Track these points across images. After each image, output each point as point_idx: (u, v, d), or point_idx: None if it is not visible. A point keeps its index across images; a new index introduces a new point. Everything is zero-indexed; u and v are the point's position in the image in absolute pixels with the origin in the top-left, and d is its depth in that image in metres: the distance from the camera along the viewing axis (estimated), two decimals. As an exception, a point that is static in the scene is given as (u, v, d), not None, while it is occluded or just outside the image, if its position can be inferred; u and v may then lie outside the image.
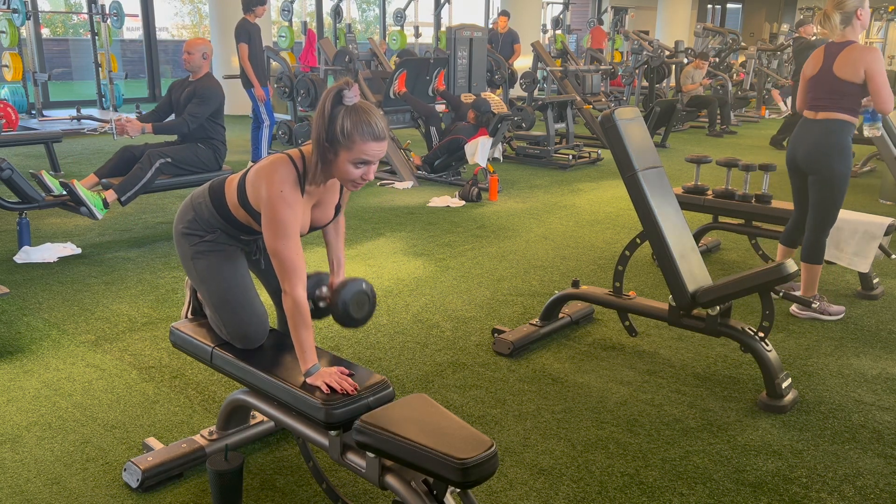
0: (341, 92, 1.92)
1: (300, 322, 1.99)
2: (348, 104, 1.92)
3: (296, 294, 1.98)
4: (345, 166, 1.96)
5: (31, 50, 11.45)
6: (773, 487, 2.32)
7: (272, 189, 1.96)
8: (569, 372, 3.09)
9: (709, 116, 10.81)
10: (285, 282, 1.99)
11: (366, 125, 1.92)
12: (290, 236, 1.98)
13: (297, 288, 1.99)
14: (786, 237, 3.89)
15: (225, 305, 2.19)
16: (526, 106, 9.11)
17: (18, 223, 4.52)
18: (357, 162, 1.95)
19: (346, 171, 1.97)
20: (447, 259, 4.60)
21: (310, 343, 2.00)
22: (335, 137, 1.92)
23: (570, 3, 16.10)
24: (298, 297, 1.98)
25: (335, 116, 1.92)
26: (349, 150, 1.93)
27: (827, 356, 3.30)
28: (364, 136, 1.92)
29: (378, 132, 1.94)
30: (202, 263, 2.20)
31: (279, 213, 1.96)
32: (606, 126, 3.05)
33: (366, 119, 1.92)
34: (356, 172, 1.97)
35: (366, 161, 1.96)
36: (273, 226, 1.97)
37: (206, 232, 2.21)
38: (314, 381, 1.95)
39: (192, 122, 4.72)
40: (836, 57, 3.45)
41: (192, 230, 2.22)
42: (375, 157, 1.96)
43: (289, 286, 1.98)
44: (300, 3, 15.40)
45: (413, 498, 1.75)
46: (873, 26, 17.51)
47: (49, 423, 2.60)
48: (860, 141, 6.60)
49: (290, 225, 1.97)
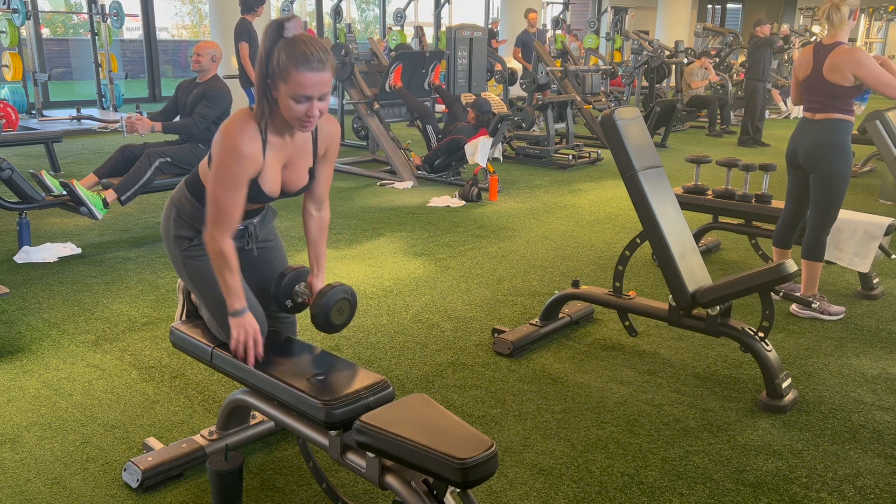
0: (283, 24, 1.83)
1: (224, 266, 1.98)
2: (288, 36, 1.83)
3: (222, 242, 1.96)
4: (286, 102, 1.86)
5: (31, 50, 11.45)
6: (773, 487, 2.32)
7: (226, 136, 1.90)
8: (569, 372, 3.09)
9: (709, 116, 10.81)
10: (215, 228, 1.95)
11: (301, 55, 1.81)
12: (233, 187, 1.91)
13: (225, 236, 1.96)
14: (779, 238, 3.89)
15: (221, 311, 2.15)
16: (526, 106, 9.11)
17: (18, 223, 4.52)
18: (297, 97, 1.85)
19: (288, 108, 1.87)
20: (447, 259, 4.60)
21: (235, 287, 2.00)
22: (273, 71, 1.84)
23: (570, 3, 16.10)
24: (224, 245, 1.96)
25: (273, 50, 1.84)
26: (286, 82, 1.83)
27: (827, 356, 3.30)
28: (299, 67, 1.81)
29: (315, 63, 1.82)
30: (193, 268, 2.16)
31: (226, 161, 1.90)
32: (606, 126, 3.05)
33: (302, 49, 1.82)
34: (299, 109, 1.87)
35: (306, 96, 1.85)
36: (218, 172, 1.91)
37: (194, 231, 2.15)
38: (235, 325, 2.03)
39: (202, 123, 4.73)
40: (824, 60, 3.46)
41: (178, 231, 2.17)
42: (314, 90, 1.85)
43: (218, 233, 1.95)
44: (300, 3, 15.41)
45: (413, 498, 1.75)
46: (873, 26, 17.51)
47: (49, 423, 2.60)
48: (860, 141, 6.61)
49: (236, 175, 1.90)
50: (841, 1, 3.41)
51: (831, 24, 3.45)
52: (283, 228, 5.16)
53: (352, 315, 2.22)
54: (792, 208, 3.82)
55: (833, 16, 3.43)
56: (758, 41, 9.22)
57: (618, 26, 14.60)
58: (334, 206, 5.90)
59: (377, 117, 7.39)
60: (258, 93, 1.91)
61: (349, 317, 2.21)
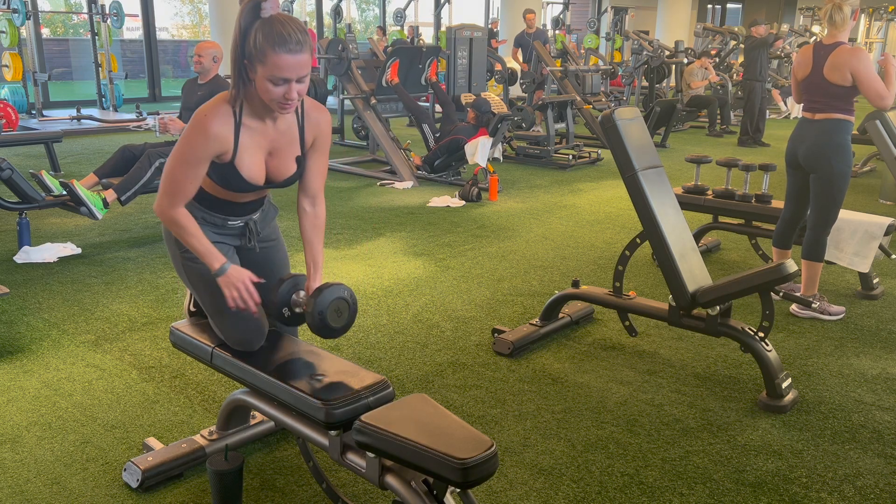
0: (259, 3, 1.79)
1: (184, 233, 1.96)
2: (264, 16, 1.79)
3: (172, 211, 1.93)
4: (263, 84, 1.82)
5: (31, 50, 11.45)
6: (773, 487, 2.32)
7: (197, 114, 1.88)
8: (569, 372, 3.09)
9: (709, 116, 10.82)
10: (164, 197, 1.92)
11: (278, 36, 1.77)
12: (190, 163, 1.89)
13: (174, 207, 1.93)
14: (779, 239, 3.89)
15: (220, 314, 2.15)
16: (526, 106, 9.11)
17: (18, 223, 4.52)
18: (274, 79, 1.80)
19: (266, 90, 1.83)
20: (447, 259, 4.60)
21: (205, 247, 1.98)
22: (250, 52, 1.80)
23: (570, 3, 16.10)
24: (175, 213, 1.94)
25: (249, 29, 1.79)
26: (263, 64, 1.79)
27: (827, 356, 3.30)
28: (276, 49, 1.77)
29: (293, 44, 1.78)
30: (193, 270, 2.13)
31: (191, 136, 1.87)
32: (606, 126, 3.05)
33: (279, 30, 1.77)
34: (277, 91, 1.83)
35: (284, 78, 1.80)
36: (181, 145, 1.89)
37: None
38: (224, 284, 1.99)
39: None
40: (825, 60, 3.46)
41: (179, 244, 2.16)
42: (292, 72, 1.80)
43: (167, 202, 1.93)
44: (300, 3, 15.40)
45: (413, 498, 1.75)
46: (873, 26, 17.50)
47: (49, 423, 2.60)
48: (860, 141, 6.61)
49: (196, 151, 1.87)
50: (843, 1, 3.41)
51: (833, 24, 3.44)
52: (284, 228, 5.16)
53: (352, 318, 2.07)
54: (791, 209, 3.82)
55: (835, 16, 3.42)
56: (753, 42, 9.26)
57: (618, 26, 14.60)
58: (334, 206, 5.90)
59: (374, 112, 7.39)
60: (234, 74, 1.86)
61: (349, 320, 2.06)
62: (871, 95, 3.39)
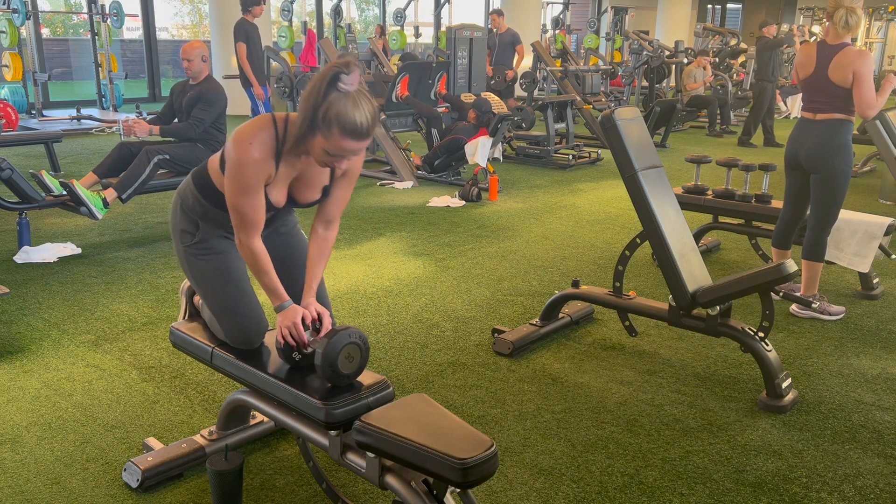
0: (339, 75, 1.78)
1: (259, 269, 2.03)
2: (342, 90, 1.79)
3: (252, 244, 2.01)
4: (318, 149, 1.86)
5: (31, 50, 11.46)
6: (773, 487, 2.32)
7: (242, 141, 1.89)
8: (569, 372, 3.09)
9: (709, 116, 10.82)
10: (240, 232, 1.99)
11: (351, 124, 1.79)
12: (248, 192, 1.93)
13: (253, 239, 2.00)
14: (779, 239, 3.89)
15: (222, 310, 2.17)
16: (526, 106, 9.11)
17: (18, 223, 4.52)
18: (332, 152, 1.85)
19: (318, 153, 1.88)
20: (447, 259, 4.60)
21: (271, 285, 2.05)
22: (317, 118, 1.81)
23: (570, 3, 16.10)
24: (255, 247, 2.01)
25: (324, 99, 1.79)
26: (327, 138, 1.82)
27: (827, 356, 3.29)
28: (344, 131, 1.80)
29: (360, 130, 1.81)
30: (197, 266, 2.17)
31: (242, 168, 1.90)
32: (606, 126, 3.05)
33: (353, 119, 1.79)
34: (326, 159, 1.88)
35: (339, 155, 1.86)
36: (234, 180, 1.92)
37: (195, 225, 2.15)
38: (279, 319, 2.04)
39: (199, 126, 4.72)
40: (830, 60, 3.45)
41: (182, 225, 2.17)
42: (350, 154, 1.87)
43: (244, 236, 2.00)
44: (300, 3, 15.40)
45: (413, 498, 1.75)
46: (873, 26, 17.50)
47: (49, 423, 2.60)
48: (860, 141, 6.62)
49: (249, 180, 1.91)
50: (855, 4, 3.40)
51: (847, 27, 3.42)
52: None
53: (364, 362, 1.96)
54: (791, 209, 3.82)
55: (850, 19, 3.40)
56: (765, 42, 9.22)
57: (618, 26, 14.61)
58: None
59: (383, 128, 7.38)
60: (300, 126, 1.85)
61: (361, 364, 1.95)
62: (863, 100, 3.38)
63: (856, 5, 3.39)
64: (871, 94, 3.38)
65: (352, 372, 1.94)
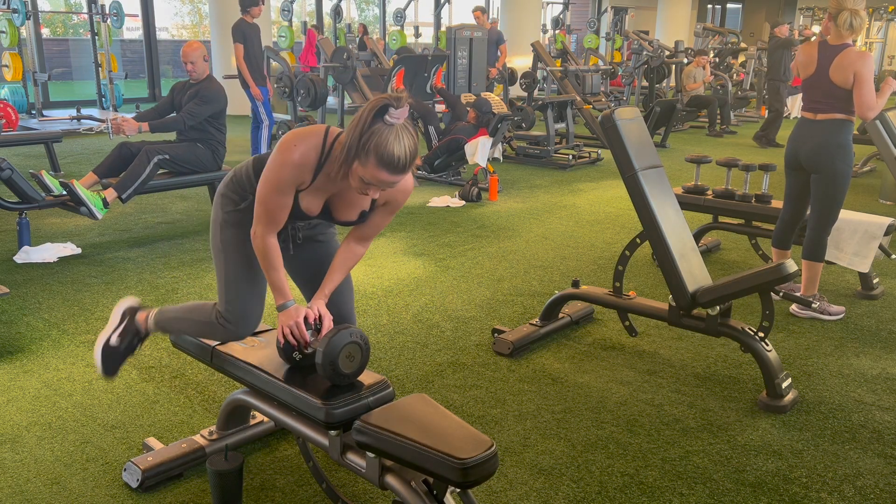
0: (387, 107, 1.80)
1: (268, 263, 2.04)
2: (387, 122, 1.81)
3: (266, 238, 2.02)
4: (355, 174, 1.87)
5: (31, 50, 11.45)
6: (773, 487, 2.32)
7: (289, 142, 1.92)
8: (569, 372, 3.09)
9: (709, 116, 10.81)
10: (259, 224, 2.00)
11: (389, 157, 1.80)
12: (279, 190, 1.95)
13: (268, 234, 2.02)
14: (778, 240, 3.89)
15: (235, 280, 2.14)
16: (526, 106, 9.11)
17: (18, 223, 4.52)
18: (365, 179, 1.86)
19: (354, 179, 1.88)
20: (447, 259, 4.60)
21: (278, 283, 2.05)
22: (359, 145, 1.82)
23: (570, 3, 16.10)
24: (269, 241, 2.02)
25: (370, 127, 1.81)
26: (363, 165, 1.83)
27: (827, 356, 3.29)
28: (381, 161, 1.81)
29: (397, 163, 1.82)
30: (228, 233, 2.14)
31: (282, 167, 1.92)
32: (606, 126, 3.05)
33: (392, 150, 1.80)
34: (361, 186, 1.89)
35: (372, 184, 1.87)
36: (270, 173, 1.94)
37: (242, 197, 2.12)
38: (280, 318, 2.05)
39: (189, 119, 4.71)
40: (831, 60, 3.45)
41: (228, 192, 2.15)
42: (384, 185, 1.87)
43: (261, 229, 2.01)
44: (300, 3, 15.40)
45: (413, 498, 1.75)
46: (873, 26, 17.50)
47: (49, 423, 2.60)
48: (860, 141, 6.61)
49: (285, 180, 1.94)
50: (858, 6, 3.39)
51: (851, 29, 3.41)
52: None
53: (364, 362, 1.97)
54: (791, 209, 3.82)
55: (854, 21, 3.40)
56: (777, 42, 9.19)
57: (618, 26, 14.61)
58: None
59: None
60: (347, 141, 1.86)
61: (362, 364, 1.97)
62: (863, 101, 3.38)
63: (859, 7, 3.39)
64: (872, 96, 3.38)
65: (352, 371, 1.94)
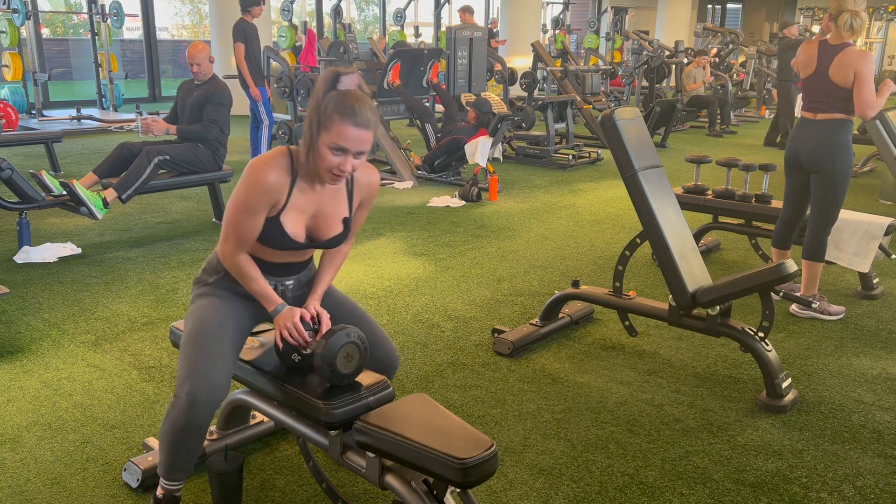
0: (338, 76, 1.86)
1: (245, 277, 2.00)
2: (340, 89, 1.86)
3: (235, 256, 1.98)
4: (323, 150, 1.87)
5: (31, 50, 11.45)
6: (773, 487, 2.32)
7: (254, 164, 1.92)
8: (569, 372, 3.09)
9: (709, 116, 10.81)
10: (226, 244, 1.97)
11: (349, 109, 1.83)
12: (248, 212, 1.92)
13: (239, 254, 1.98)
14: (778, 240, 3.89)
15: (189, 342, 1.97)
16: (526, 106, 9.11)
17: (18, 223, 4.52)
18: (334, 147, 1.85)
19: (323, 157, 1.87)
20: (447, 259, 4.60)
21: (262, 292, 2.01)
22: (319, 115, 1.85)
23: (570, 3, 16.10)
24: (238, 258, 1.98)
25: (325, 97, 1.85)
26: (328, 129, 1.84)
27: (827, 356, 3.30)
28: (343, 118, 1.83)
29: (360, 119, 1.84)
30: (193, 305, 2.08)
31: (248, 185, 1.90)
32: (606, 126, 3.05)
33: (351, 104, 1.83)
34: (333, 160, 1.87)
35: (343, 148, 1.85)
36: (238, 194, 1.92)
37: (211, 276, 2.11)
38: (277, 321, 2.00)
39: (213, 127, 4.79)
40: (831, 60, 3.44)
41: (202, 275, 2.14)
42: (353, 144, 1.86)
43: (229, 248, 1.97)
44: (300, 3, 15.41)
45: (413, 498, 1.75)
46: (873, 26, 17.50)
47: (49, 423, 2.60)
48: (860, 141, 6.62)
49: (254, 201, 1.91)
50: (859, 7, 3.39)
51: (852, 31, 3.41)
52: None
53: (363, 362, 1.95)
54: (791, 210, 3.82)
55: (854, 23, 3.40)
56: (787, 42, 9.12)
57: (618, 26, 14.61)
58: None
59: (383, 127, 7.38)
60: (306, 136, 1.91)
61: (360, 364, 1.95)
62: (862, 100, 3.38)
63: (859, 8, 3.39)
64: (871, 95, 3.38)
65: (351, 372, 1.93)
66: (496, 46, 12.92)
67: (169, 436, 1.92)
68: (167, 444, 1.94)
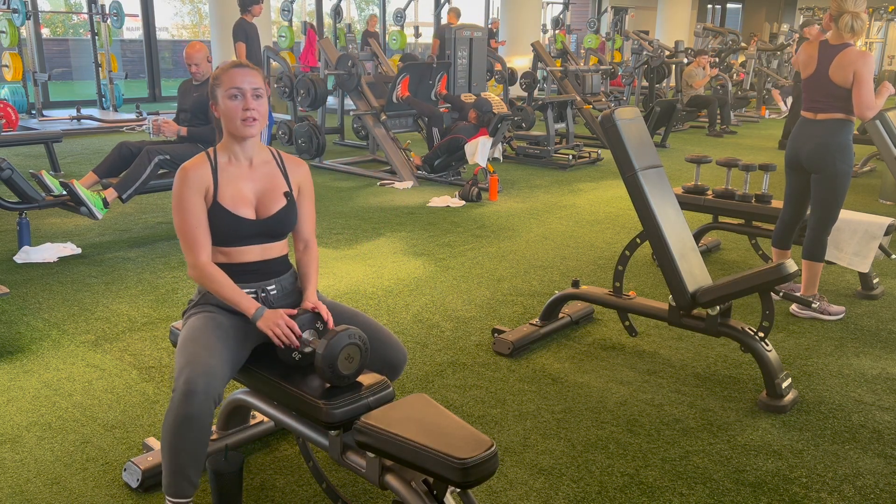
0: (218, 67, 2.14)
1: (214, 284, 2.03)
2: None
3: (199, 263, 2.04)
4: (225, 103, 2.05)
5: (31, 50, 11.46)
6: (773, 487, 2.32)
7: (178, 172, 2.08)
8: (569, 372, 3.09)
9: (709, 116, 10.81)
10: (189, 254, 2.05)
11: (227, 63, 2.11)
12: (186, 210, 2.04)
13: (199, 257, 2.05)
14: (778, 240, 3.89)
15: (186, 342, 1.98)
16: (526, 106, 9.11)
17: (18, 223, 4.52)
18: (231, 94, 2.04)
19: (227, 110, 2.05)
20: (447, 259, 4.60)
21: (237, 296, 2.02)
22: (212, 87, 2.09)
23: (570, 3, 16.10)
24: (201, 264, 2.04)
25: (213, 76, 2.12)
26: (220, 84, 2.06)
27: (827, 356, 3.30)
28: (226, 69, 2.08)
29: (241, 65, 2.09)
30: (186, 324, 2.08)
31: (177, 187, 2.05)
32: (606, 126, 3.05)
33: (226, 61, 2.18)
34: (236, 105, 2.04)
35: (237, 87, 2.03)
36: (174, 200, 2.06)
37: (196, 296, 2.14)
38: (262, 326, 1.99)
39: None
40: (831, 60, 3.44)
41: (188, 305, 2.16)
42: (243, 81, 2.04)
43: (192, 258, 2.05)
44: (300, 3, 15.40)
45: (413, 498, 1.75)
46: (873, 26, 17.50)
47: (49, 423, 2.60)
48: (860, 141, 6.62)
49: (185, 198, 2.03)
50: (859, 8, 3.39)
51: (852, 32, 3.41)
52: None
53: (364, 363, 1.95)
54: (791, 210, 3.82)
55: (855, 24, 3.40)
56: None
57: (618, 26, 14.61)
58: (334, 206, 5.91)
59: (384, 128, 7.38)
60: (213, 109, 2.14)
61: (361, 365, 1.94)
62: (862, 101, 3.37)
63: (860, 9, 3.39)
64: (871, 96, 3.38)
65: (352, 372, 1.92)
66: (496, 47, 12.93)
67: (169, 434, 1.87)
68: (168, 445, 1.88)
